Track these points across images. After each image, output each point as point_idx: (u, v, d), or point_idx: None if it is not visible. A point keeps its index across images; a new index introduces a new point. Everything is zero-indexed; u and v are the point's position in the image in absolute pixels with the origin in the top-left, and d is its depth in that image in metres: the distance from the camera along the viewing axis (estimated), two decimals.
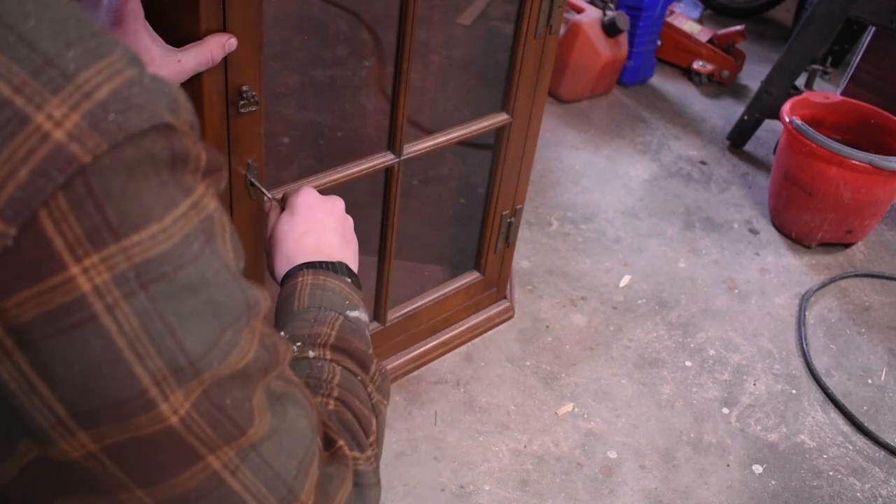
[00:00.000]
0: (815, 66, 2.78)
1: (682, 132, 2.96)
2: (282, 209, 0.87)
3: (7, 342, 0.34)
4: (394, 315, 1.71)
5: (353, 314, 0.71)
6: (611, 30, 2.92)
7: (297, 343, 0.64)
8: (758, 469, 1.73)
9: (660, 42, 3.29)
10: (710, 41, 3.33)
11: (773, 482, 1.70)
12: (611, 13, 2.93)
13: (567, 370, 1.89)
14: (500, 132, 1.61)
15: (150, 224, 0.35)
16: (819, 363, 2.02)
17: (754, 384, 1.94)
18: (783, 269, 2.34)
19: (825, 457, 1.78)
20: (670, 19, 3.35)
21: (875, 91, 2.76)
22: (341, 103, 1.89)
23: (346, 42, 1.84)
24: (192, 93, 1.00)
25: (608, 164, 2.70)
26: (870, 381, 2.00)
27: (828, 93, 2.64)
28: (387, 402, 0.66)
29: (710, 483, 1.68)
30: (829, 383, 1.96)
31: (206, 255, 0.38)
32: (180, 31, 0.94)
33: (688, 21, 3.40)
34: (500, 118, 1.58)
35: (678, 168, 2.74)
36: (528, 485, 1.62)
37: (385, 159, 1.40)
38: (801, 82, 2.79)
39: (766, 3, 4.00)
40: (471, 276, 1.84)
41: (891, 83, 2.74)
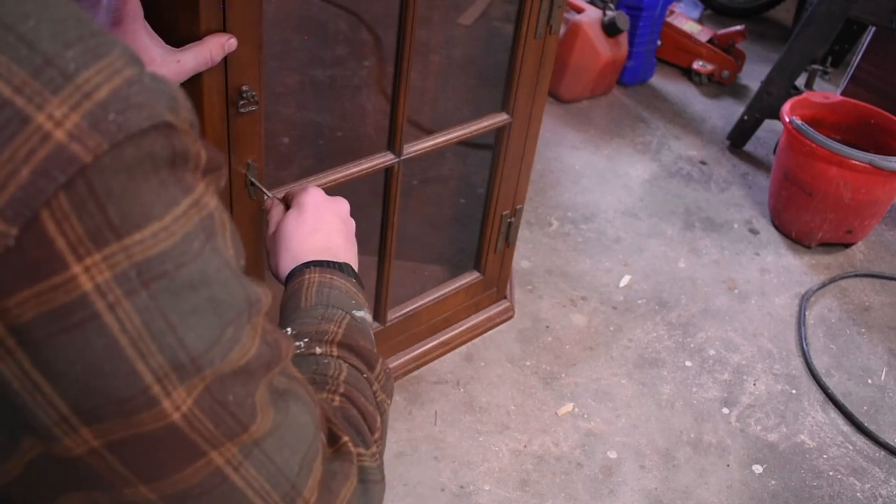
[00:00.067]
0: (815, 66, 2.78)
1: (682, 132, 2.97)
2: (286, 208, 0.87)
3: (9, 341, 0.34)
4: (394, 315, 1.71)
5: (359, 314, 0.71)
6: (611, 30, 2.92)
7: (304, 339, 0.64)
8: (758, 469, 1.73)
9: (660, 42, 3.29)
10: (710, 41, 3.33)
11: (773, 482, 1.70)
12: (611, 13, 2.93)
13: (567, 370, 1.89)
14: (500, 132, 1.61)
15: (151, 223, 0.35)
16: (819, 363, 2.02)
17: (754, 384, 1.94)
18: (783, 269, 2.34)
19: (825, 457, 1.78)
20: (670, 19, 3.35)
21: (875, 91, 2.76)
22: (341, 103, 1.89)
23: (346, 42, 1.84)
24: (192, 93, 1.00)
25: (608, 164, 2.70)
26: (870, 381, 2.00)
27: (828, 93, 2.65)
28: (390, 401, 0.66)
29: (710, 483, 1.68)
30: (829, 383, 1.96)
31: (207, 252, 0.38)
32: (180, 32, 0.94)
33: (688, 21, 3.40)
34: (500, 118, 1.58)
35: (678, 168, 2.74)
36: (528, 485, 1.62)
37: (385, 159, 1.40)
38: (801, 82, 2.79)
39: (766, 3, 4.00)
40: (471, 276, 1.84)
41: (891, 83, 2.74)
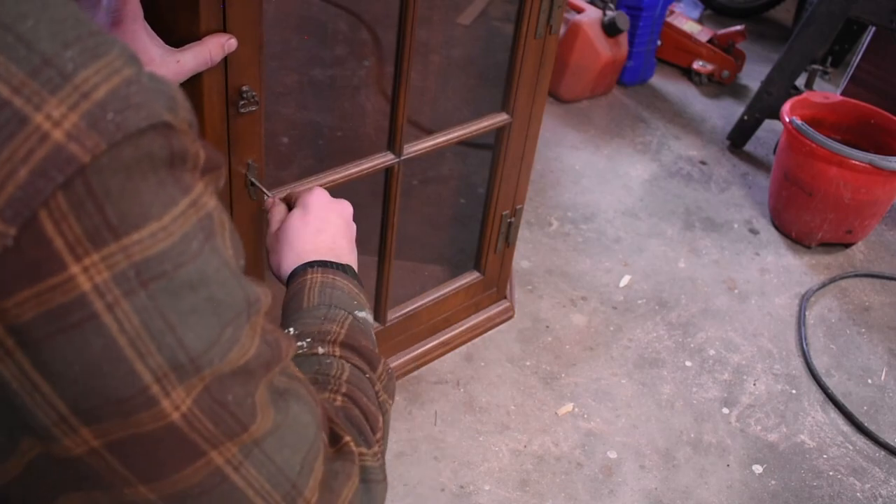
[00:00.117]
0: (815, 66, 2.78)
1: (682, 132, 2.97)
2: (289, 208, 0.88)
3: (8, 342, 0.34)
4: (394, 315, 1.71)
5: (361, 314, 0.72)
6: (611, 30, 2.92)
7: (307, 339, 0.65)
8: (758, 469, 1.73)
9: (660, 42, 3.29)
10: (710, 41, 3.33)
11: (773, 482, 1.70)
12: (611, 13, 2.93)
13: (567, 370, 1.89)
14: (500, 132, 1.61)
15: (149, 223, 0.35)
16: (819, 363, 2.02)
17: (754, 384, 1.94)
18: (783, 269, 2.34)
19: (825, 457, 1.78)
20: (670, 19, 3.35)
21: (875, 91, 2.76)
22: (341, 103, 1.89)
23: (345, 42, 1.84)
24: (192, 93, 1.00)
25: (608, 164, 2.70)
26: (870, 381, 2.00)
27: (828, 93, 2.64)
28: (392, 401, 0.66)
29: (710, 483, 1.68)
30: (829, 383, 1.96)
31: (206, 252, 0.38)
32: (179, 32, 0.94)
33: (688, 21, 3.40)
34: (500, 118, 1.58)
35: (678, 168, 2.74)
36: (528, 485, 1.62)
37: (385, 159, 1.40)
38: (801, 82, 2.79)
39: (766, 3, 4.00)
40: (471, 276, 1.84)
41: (891, 83, 2.74)
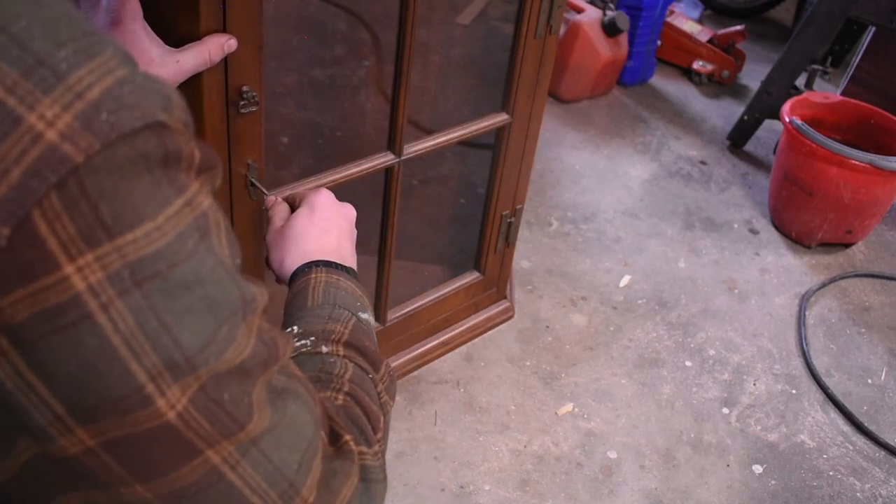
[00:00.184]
0: (815, 66, 2.78)
1: (682, 132, 2.96)
2: (292, 209, 0.88)
3: (2, 342, 0.34)
4: (394, 315, 1.71)
5: (364, 316, 0.72)
6: (611, 30, 2.92)
7: (311, 338, 0.65)
8: (758, 469, 1.73)
9: (660, 42, 3.28)
10: (710, 41, 3.33)
11: (773, 482, 1.70)
12: (611, 13, 2.93)
13: (567, 370, 1.89)
14: (500, 132, 1.61)
15: (143, 222, 0.35)
16: (819, 363, 2.02)
17: (754, 384, 1.94)
18: (783, 269, 2.34)
19: (825, 457, 1.78)
20: (670, 19, 3.35)
21: (875, 91, 2.75)
22: (341, 103, 1.89)
23: (345, 42, 1.84)
24: (192, 93, 1.00)
25: (608, 164, 2.70)
26: (870, 381, 2.00)
27: (828, 93, 2.64)
28: (393, 402, 0.66)
29: (710, 483, 1.68)
30: (829, 383, 1.96)
31: (201, 252, 0.38)
32: (179, 32, 0.94)
33: (688, 21, 3.40)
34: (500, 118, 1.58)
35: (678, 168, 2.74)
36: (528, 485, 1.62)
37: (385, 159, 1.40)
38: (801, 82, 2.79)
39: (766, 3, 4.00)
40: (471, 276, 1.84)
41: (891, 83, 2.74)
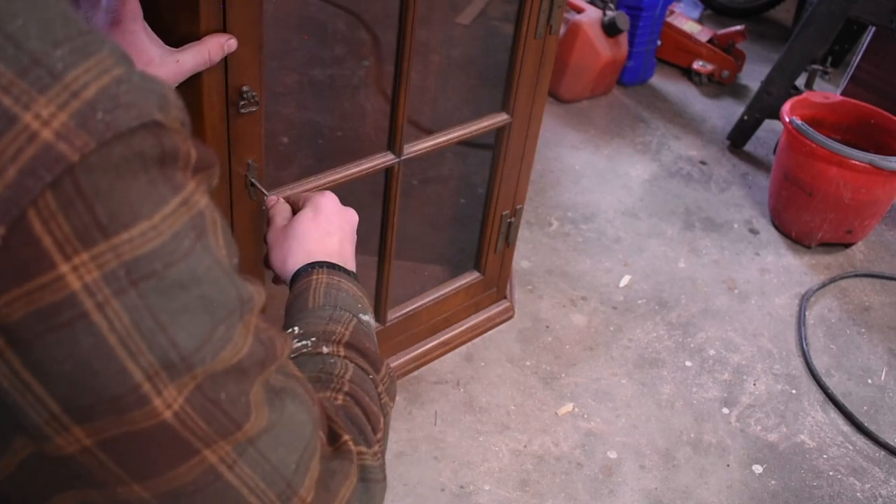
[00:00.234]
0: (815, 66, 2.78)
1: (682, 132, 2.96)
2: (293, 209, 0.88)
3: None
4: (394, 315, 1.71)
5: (365, 318, 0.72)
6: (611, 30, 2.92)
7: (312, 338, 0.65)
8: (758, 469, 1.73)
9: (660, 42, 3.28)
10: (710, 41, 3.33)
11: (773, 482, 1.70)
12: (611, 13, 2.93)
13: (567, 370, 1.89)
14: (500, 132, 1.61)
15: (139, 222, 0.35)
16: (819, 363, 2.02)
17: (754, 384, 1.94)
18: (783, 269, 2.34)
19: (825, 457, 1.78)
20: (670, 19, 3.35)
21: (875, 91, 2.75)
22: (341, 103, 1.89)
23: (345, 42, 1.84)
24: (192, 93, 1.00)
25: (608, 164, 2.70)
26: (870, 381, 1.99)
27: (828, 93, 2.64)
28: (393, 403, 0.67)
29: (710, 483, 1.68)
30: (829, 383, 1.96)
31: (197, 251, 0.38)
32: (179, 32, 0.94)
33: (688, 21, 3.40)
34: (500, 118, 1.58)
35: (678, 168, 2.74)
36: (528, 485, 1.62)
37: (385, 159, 1.40)
38: (801, 82, 2.79)
39: (766, 3, 3.99)
40: (471, 276, 1.84)
41: (891, 83, 2.74)
